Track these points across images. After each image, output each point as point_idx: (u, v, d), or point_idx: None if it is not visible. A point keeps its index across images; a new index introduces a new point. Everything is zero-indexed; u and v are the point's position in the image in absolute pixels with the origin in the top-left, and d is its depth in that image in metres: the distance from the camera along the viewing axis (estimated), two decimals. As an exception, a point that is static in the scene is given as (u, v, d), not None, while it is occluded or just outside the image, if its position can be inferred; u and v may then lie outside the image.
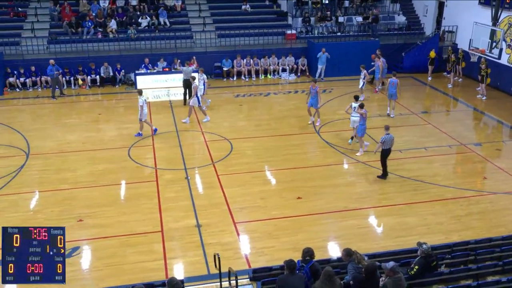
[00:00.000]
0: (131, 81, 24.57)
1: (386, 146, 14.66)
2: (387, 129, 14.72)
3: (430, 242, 9.51)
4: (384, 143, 14.59)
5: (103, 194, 14.11)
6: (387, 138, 14.57)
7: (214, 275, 10.03)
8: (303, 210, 13.25)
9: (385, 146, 14.64)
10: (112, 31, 26.38)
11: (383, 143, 14.58)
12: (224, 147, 17.27)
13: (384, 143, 14.58)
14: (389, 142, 14.66)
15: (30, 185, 14.67)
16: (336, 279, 7.69)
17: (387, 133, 14.61)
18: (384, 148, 14.69)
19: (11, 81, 23.72)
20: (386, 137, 14.56)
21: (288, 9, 29.68)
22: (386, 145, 14.64)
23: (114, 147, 17.41)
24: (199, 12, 29.16)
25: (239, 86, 24.93)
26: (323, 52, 24.96)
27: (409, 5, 31.44)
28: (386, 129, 14.76)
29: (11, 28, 26.18)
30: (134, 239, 11.95)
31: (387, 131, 14.66)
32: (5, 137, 18.25)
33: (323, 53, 24.97)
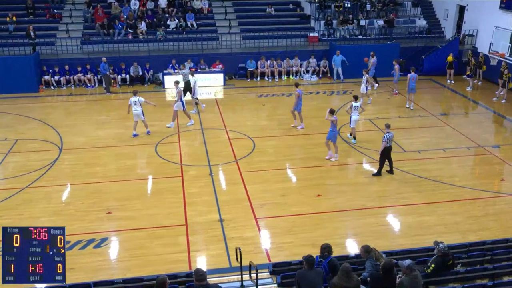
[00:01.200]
0: (159, 80, 24.80)
1: (387, 144, 14.56)
2: (388, 127, 14.61)
3: (447, 241, 9.37)
4: (387, 141, 14.49)
5: (131, 188, 14.27)
6: (388, 136, 14.46)
7: (235, 268, 10.05)
8: (322, 208, 13.20)
9: (388, 143, 14.56)
10: (142, 33, 26.63)
11: (386, 141, 14.47)
12: (247, 145, 17.29)
13: (387, 141, 14.49)
14: (390, 140, 14.60)
15: (62, 178, 14.93)
16: (354, 275, 7.63)
17: (388, 131, 14.52)
18: (386, 146, 14.59)
19: (46, 79, 24.15)
20: (388, 135, 14.46)
21: (311, 12, 29.53)
22: (388, 143, 14.55)
23: (142, 143, 17.59)
24: (225, 14, 29.24)
25: (262, 87, 24.93)
26: (338, 54, 25.06)
27: (430, 9, 30.98)
28: (387, 127, 14.65)
29: (47, 29, 26.63)
30: (160, 232, 12.06)
31: (388, 129, 14.57)
32: (40, 132, 18.60)
33: (337, 55, 25.04)
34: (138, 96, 17.75)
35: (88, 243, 11.54)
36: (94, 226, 12.27)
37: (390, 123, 15.16)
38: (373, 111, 20.80)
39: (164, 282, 7.38)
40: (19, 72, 22.81)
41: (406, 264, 7.86)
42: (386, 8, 30.05)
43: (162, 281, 7.39)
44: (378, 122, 19.34)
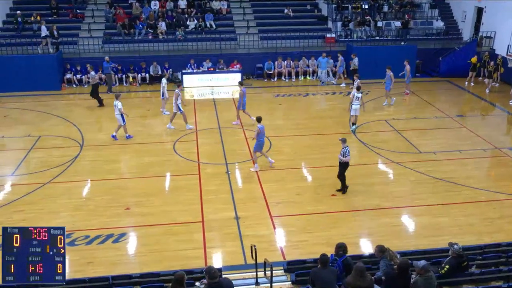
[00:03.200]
0: (178, 79, 24.90)
1: (346, 159, 13.45)
2: (344, 142, 13.41)
3: (462, 242, 9.25)
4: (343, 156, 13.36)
5: (148, 185, 14.35)
6: (346, 150, 13.30)
7: (250, 265, 10.05)
8: (337, 207, 13.13)
9: (346, 159, 13.42)
10: (162, 33, 26.79)
11: (344, 156, 13.32)
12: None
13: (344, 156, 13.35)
14: (347, 154, 13.39)
15: (83, 174, 15.09)
16: (367, 275, 7.57)
17: (344, 146, 13.34)
18: (343, 162, 13.44)
19: (68, 77, 24.45)
20: (345, 150, 13.28)
21: (329, 13, 29.40)
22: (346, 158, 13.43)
23: (160, 141, 17.70)
24: (244, 15, 29.27)
25: (279, 87, 24.89)
26: (323, 56, 25.20)
27: (447, 11, 30.61)
28: (343, 141, 13.41)
29: (70, 28, 26.99)
30: (176, 228, 12.11)
31: (344, 144, 13.36)
32: (62, 129, 18.82)
33: (323, 57, 25.18)
34: (118, 100, 17.24)
35: (107, 238, 11.65)
36: (112, 222, 12.38)
37: (406, 123, 14.98)
38: (388, 112, 20.63)
39: (181, 278, 7.40)
40: (42, 70, 23.14)
41: (421, 265, 7.77)
42: (404, 9, 29.76)
43: (179, 277, 7.42)
44: (394, 123, 19.18)
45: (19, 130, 18.71)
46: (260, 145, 15.06)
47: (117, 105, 17.15)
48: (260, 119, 15.12)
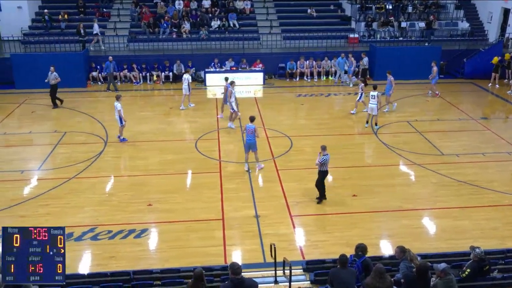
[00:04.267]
0: (201, 78, 25.05)
1: (325, 168, 12.84)
2: (324, 149, 12.78)
3: (484, 246, 9.08)
4: (323, 164, 12.78)
5: (171, 182, 14.47)
6: (326, 158, 12.74)
7: (269, 264, 10.06)
8: (358, 208, 13.03)
9: (324, 167, 12.82)
10: (186, 32, 26.96)
11: (323, 164, 12.76)
12: (284, 143, 17.25)
13: (324, 164, 12.78)
14: (327, 163, 12.82)
15: (106, 170, 15.29)
16: (387, 276, 7.52)
17: (324, 154, 12.74)
18: (322, 170, 12.88)
19: (94, 75, 24.79)
20: (326, 158, 12.73)
21: (352, 13, 29.17)
22: (325, 166, 12.82)
23: (183, 139, 17.82)
24: (267, 15, 29.25)
25: (301, 87, 24.80)
26: (342, 57, 24.81)
27: (473, 12, 30.08)
28: (323, 149, 12.78)
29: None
30: (197, 225, 12.18)
31: (324, 152, 12.76)
32: (87, 125, 19.10)
33: (342, 58, 24.80)
34: (118, 102, 17.01)
35: (129, 233, 11.79)
36: (135, 217, 12.52)
37: (430, 125, 14.77)
38: (411, 113, 20.37)
39: (201, 274, 7.56)
40: (69, 68, 23.47)
41: (441, 268, 7.68)
42: (428, 10, 29.36)
43: (199, 273, 7.56)
44: (416, 124, 18.94)
45: (46, 126, 19.07)
46: (246, 145, 14.94)
47: (116, 107, 16.93)
48: (252, 119, 14.93)
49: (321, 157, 12.75)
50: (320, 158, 12.76)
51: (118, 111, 16.91)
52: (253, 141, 14.71)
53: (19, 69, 23.42)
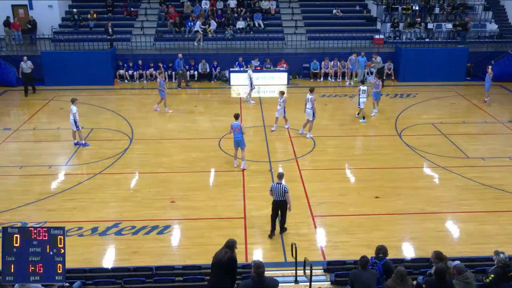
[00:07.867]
0: (225, 77, 25.13)
1: (275, 197, 11.22)
2: (280, 178, 11.18)
3: (509, 252, 8.90)
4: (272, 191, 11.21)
5: (194, 180, 14.56)
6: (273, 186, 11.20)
7: (290, 263, 10.05)
8: (381, 209, 12.90)
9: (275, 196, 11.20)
10: (211, 31, 27.09)
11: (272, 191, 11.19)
12: (307, 143, 17.19)
13: (272, 191, 11.20)
14: (279, 193, 11.10)
15: (131, 167, 15.48)
16: (408, 279, 7.41)
17: (277, 182, 11.14)
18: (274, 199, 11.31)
19: (121, 73, 25.12)
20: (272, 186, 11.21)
21: (378, 14, 28.87)
22: (275, 196, 11.17)
23: (207, 137, 17.91)
24: (292, 15, 29.18)
25: (325, 87, 24.66)
26: (362, 55, 24.57)
27: (502, 14, 29.44)
28: (278, 177, 11.21)
29: (124, 25, 27.71)
30: (220, 223, 12.24)
31: (279, 180, 11.16)
32: (114, 122, 19.37)
33: (362, 57, 24.58)
34: (74, 105, 16.51)
35: (152, 229, 11.91)
36: (158, 214, 12.65)
37: (455, 128, 14.49)
38: (436, 116, 20.05)
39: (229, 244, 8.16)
40: (97, 65, 23.86)
41: (452, 265, 7.54)
42: (456, 11, 28.85)
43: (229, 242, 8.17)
44: (441, 127, 18.65)
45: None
46: (235, 142, 14.97)
47: (72, 110, 16.40)
48: (236, 117, 14.80)
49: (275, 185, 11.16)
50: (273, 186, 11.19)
51: (73, 114, 16.36)
52: (240, 138, 14.79)
53: (48, 67, 23.89)
